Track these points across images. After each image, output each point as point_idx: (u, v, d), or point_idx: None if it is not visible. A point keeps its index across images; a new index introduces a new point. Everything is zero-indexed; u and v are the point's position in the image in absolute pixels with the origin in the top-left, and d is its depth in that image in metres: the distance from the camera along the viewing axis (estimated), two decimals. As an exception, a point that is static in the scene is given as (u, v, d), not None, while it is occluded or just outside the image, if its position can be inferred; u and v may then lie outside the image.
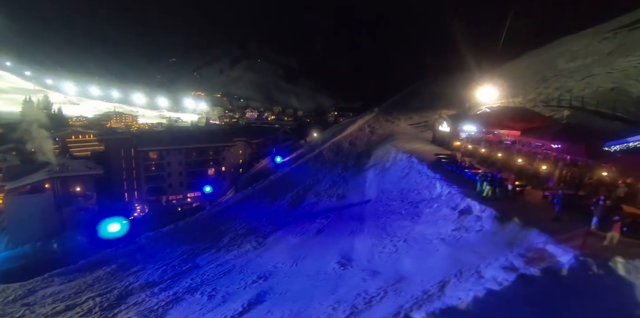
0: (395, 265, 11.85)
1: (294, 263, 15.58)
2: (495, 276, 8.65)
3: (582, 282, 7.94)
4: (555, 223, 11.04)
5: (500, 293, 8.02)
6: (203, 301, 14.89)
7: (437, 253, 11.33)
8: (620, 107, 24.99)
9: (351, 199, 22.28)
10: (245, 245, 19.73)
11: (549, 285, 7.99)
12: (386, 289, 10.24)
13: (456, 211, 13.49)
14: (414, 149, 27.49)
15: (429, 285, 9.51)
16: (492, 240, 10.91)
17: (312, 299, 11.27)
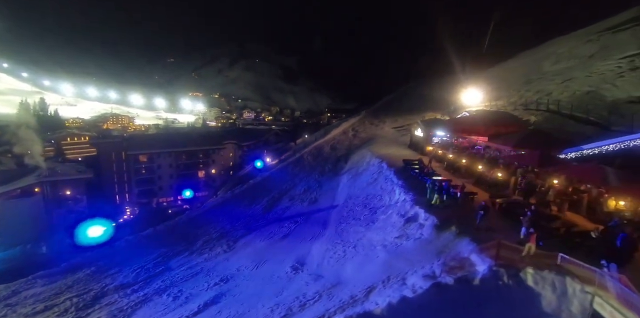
0: (338, 270, 12.75)
1: (255, 267, 16.60)
2: (414, 283, 9.28)
3: (493, 291, 8.34)
4: (487, 233, 11.77)
5: (413, 301, 8.57)
6: (168, 302, 15.95)
7: (376, 259, 12.21)
8: (593, 111, 25.45)
9: (322, 204, 23.24)
10: (217, 249, 20.79)
11: (462, 294, 8.47)
12: (322, 293, 11.17)
13: (404, 218, 14.36)
14: (389, 153, 28.34)
15: (358, 291, 10.36)
16: (427, 248, 11.59)
17: (259, 301, 12.26)
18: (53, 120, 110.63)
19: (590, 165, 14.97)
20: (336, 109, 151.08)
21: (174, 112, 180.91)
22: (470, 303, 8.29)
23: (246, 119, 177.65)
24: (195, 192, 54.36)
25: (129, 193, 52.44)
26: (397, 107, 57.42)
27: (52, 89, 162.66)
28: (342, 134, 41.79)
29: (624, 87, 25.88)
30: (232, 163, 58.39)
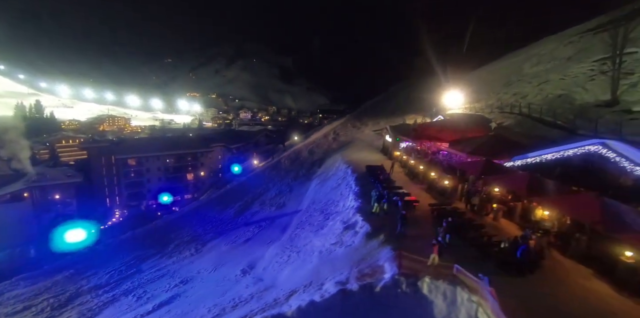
0: (277, 274, 13.97)
1: (213, 270, 17.97)
2: (327, 289, 10.13)
3: (392, 298, 8.97)
4: (410, 241, 12.64)
5: (319, 304, 9.29)
6: (132, 302, 17.37)
7: (309, 264, 13.37)
8: (561, 114, 25.86)
9: (288, 209, 24.53)
10: (185, 252, 22.20)
11: (365, 300, 9.10)
12: (254, 296, 12.41)
13: (344, 225, 15.54)
14: (359, 158, 29.35)
15: (282, 294, 11.53)
16: (353, 255, 12.36)
17: (203, 302, 13.60)
18: (49, 123, 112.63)
19: (522, 174, 15.48)
20: (328, 110, 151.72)
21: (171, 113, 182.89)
22: (371, 309, 9.07)
23: (243, 119, 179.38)
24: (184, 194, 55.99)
25: (119, 196, 54.04)
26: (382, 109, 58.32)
27: (49, 91, 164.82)
28: (323, 137, 42.92)
29: (593, 91, 26.35)
30: (221, 165, 59.84)
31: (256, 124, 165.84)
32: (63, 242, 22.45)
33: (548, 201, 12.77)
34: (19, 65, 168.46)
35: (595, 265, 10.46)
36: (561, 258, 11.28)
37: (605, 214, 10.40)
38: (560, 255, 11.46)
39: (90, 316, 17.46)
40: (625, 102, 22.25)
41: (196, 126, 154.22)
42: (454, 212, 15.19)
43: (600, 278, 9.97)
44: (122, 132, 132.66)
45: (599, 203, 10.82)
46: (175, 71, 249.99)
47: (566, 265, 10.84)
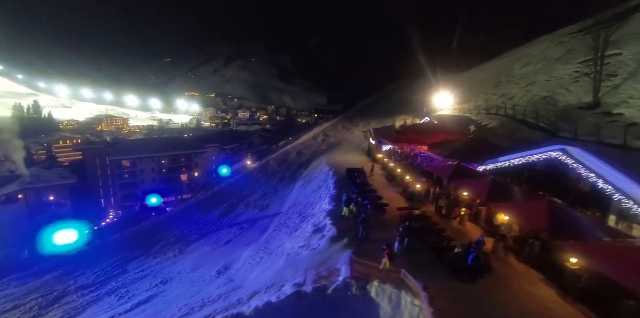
0: (247, 275, 14.67)
1: (192, 271, 18.74)
2: (285, 290, 10.68)
3: (343, 301, 9.42)
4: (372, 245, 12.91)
5: (275, 305, 9.82)
6: (114, 301, 18.16)
7: (276, 266, 13.99)
8: (544, 116, 26.02)
9: (271, 211, 25.25)
10: (169, 253, 22.99)
11: (318, 302, 9.56)
12: (222, 296, 13.11)
13: (314, 229, 16.27)
14: (344, 160, 29.87)
15: (246, 295, 12.17)
16: (317, 258, 12.89)
17: (177, 302, 14.34)
18: (47, 123, 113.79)
19: (486, 179, 15.83)
20: (324, 110, 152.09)
21: (170, 113, 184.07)
22: (324, 310, 9.54)
23: (241, 118, 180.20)
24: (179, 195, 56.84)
25: (114, 197, 54.98)
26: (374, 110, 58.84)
27: (48, 91, 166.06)
28: (313, 138, 43.53)
29: (577, 93, 26.46)
30: (215, 166, 60.64)
31: (254, 123, 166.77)
32: (52, 243, 23.09)
33: (503, 207, 13.19)
34: (18, 65, 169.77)
35: (545, 270, 10.77)
36: (516, 263, 11.63)
37: (553, 221, 10.74)
38: (515, 260, 11.83)
39: (74, 315, 18.23)
40: (607, 104, 22.49)
41: (194, 126, 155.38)
42: (421, 216, 15.54)
43: (548, 284, 10.30)
44: (120, 132, 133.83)
45: (548, 210, 11.18)
46: (174, 71, 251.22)
47: (519, 270, 11.18)
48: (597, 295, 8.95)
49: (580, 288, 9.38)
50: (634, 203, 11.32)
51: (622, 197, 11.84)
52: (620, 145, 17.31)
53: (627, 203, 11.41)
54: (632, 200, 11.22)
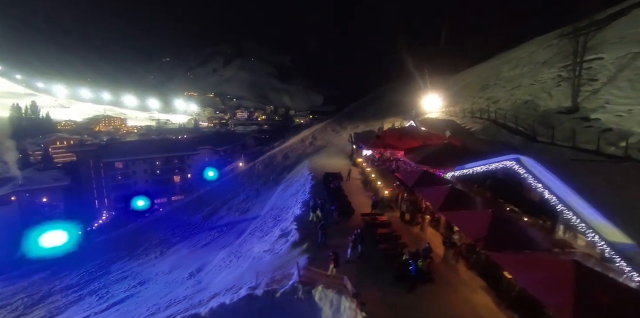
0: (214, 278, 15.55)
1: (169, 272, 19.70)
2: (240, 293, 11.46)
3: (289, 304, 10.13)
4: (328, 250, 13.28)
5: (228, 307, 10.59)
6: (93, 301, 19.15)
7: (240, 269, 14.84)
8: (523, 121, 26.40)
9: (250, 214, 26.18)
10: (151, 255, 23.98)
11: (266, 304, 10.31)
12: (187, 297, 13.98)
13: (280, 233, 17.14)
14: (325, 164, 30.31)
15: (207, 296, 13.05)
16: (276, 262, 13.64)
17: (147, 302, 15.31)
18: (44, 123, 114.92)
19: (444, 187, 16.01)
20: (319, 111, 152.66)
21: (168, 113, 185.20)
22: (272, 312, 10.33)
23: (239, 118, 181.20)
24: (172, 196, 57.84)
25: (107, 198, 56.06)
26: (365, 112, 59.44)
27: (46, 91, 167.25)
28: (300, 141, 44.34)
29: (557, 97, 26.66)
30: (201, 169, 61.59)
31: (252, 123, 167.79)
32: (38, 246, 23.99)
33: (450, 215, 13.70)
34: (16, 65, 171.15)
35: (488, 278, 11.15)
36: (464, 270, 12.05)
37: (491, 231, 10.95)
38: (465, 267, 12.24)
39: (56, 314, 19.21)
40: (585, 109, 22.81)
41: (192, 126, 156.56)
42: (381, 222, 16.04)
43: (488, 292, 10.65)
44: (118, 132, 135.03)
45: (490, 221, 11.42)
46: (173, 70, 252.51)
47: (465, 277, 11.59)
48: (526, 304, 9.22)
49: (513, 297, 9.74)
50: (573, 214, 11.39)
51: (563, 208, 12.41)
52: (593, 151, 17.88)
53: (567, 214, 11.66)
54: (571, 211, 11.49)
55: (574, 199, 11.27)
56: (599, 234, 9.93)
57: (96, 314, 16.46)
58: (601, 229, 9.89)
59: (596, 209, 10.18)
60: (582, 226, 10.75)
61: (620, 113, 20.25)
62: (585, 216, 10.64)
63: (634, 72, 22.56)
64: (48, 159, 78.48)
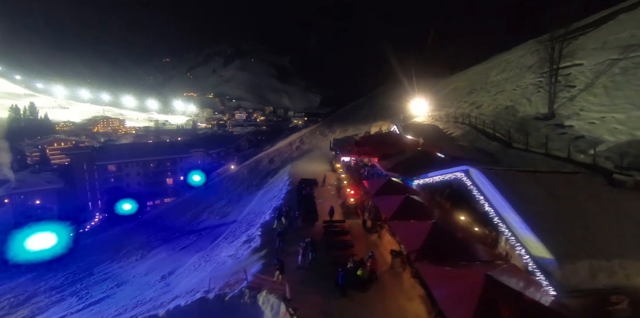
0: (180, 280, 16.67)
1: (145, 275, 20.90)
2: (195, 296, 12.55)
3: (236, 307, 11.11)
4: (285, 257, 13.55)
5: (183, 309, 11.89)
6: (73, 302, 20.36)
7: (204, 273, 15.95)
8: (503, 126, 26.49)
9: (229, 218, 27.34)
10: (132, 257, 25.22)
11: (217, 307, 11.37)
12: (153, 298, 15.18)
13: (246, 239, 18.22)
14: (306, 169, 31.14)
15: (169, 298, 14.32)
16: (235, 267, 14.56)
17: (117, 303, 16.52)
18: (43, 124, 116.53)
19: (399, 196, 16.23)
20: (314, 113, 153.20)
21: (167, 113, 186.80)
22: (220, 315, 11.34)
23: (238, 119, 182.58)
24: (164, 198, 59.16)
25: (101, 200, 57.49)
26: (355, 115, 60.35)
27: (45, 92, 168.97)
28: (288, 145, 45.36)
29: (536, 103, 26.56)
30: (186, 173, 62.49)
31: (250, 124, 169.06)
32: (24, 249, 25.03)
33: (395, 225, 14.25)
34: (16, 66, 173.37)
35: (426, 287, 11.01)
36: (407, 278, 12.40)
37: (426, 243, 11.12)
38: (409, 275, 12.54)
39: (38, 313, 20.44)
40: (560, 116, 22.91)
41: (190, 127, 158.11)
42: (339, 230, 16.89)
43: (424, 300, 10.93)
44: (116, 133, 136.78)
45: (428, 232, 11.69)
46: (173, 71, 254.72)
47: (406, 285, 11.97)
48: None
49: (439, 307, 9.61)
50: (506, 227, 11.73)
51: (499, 221, 12.27)
52: (564, 158, 18.10)
53: (502, 227, 11.91)
54: (505, 223, 11.79)
55: (508, 212, 11.49)
56: (525, 248, 10.17)
57: (72, 314, 17.65)
58: (528, 243, 10.09)
59: (526, 223, 10.31)
60: (512, 239, 11.04)
61: (593, 120, 20.40)
62: (515, 229, 10.91)
63: (609, 79, 22.82)
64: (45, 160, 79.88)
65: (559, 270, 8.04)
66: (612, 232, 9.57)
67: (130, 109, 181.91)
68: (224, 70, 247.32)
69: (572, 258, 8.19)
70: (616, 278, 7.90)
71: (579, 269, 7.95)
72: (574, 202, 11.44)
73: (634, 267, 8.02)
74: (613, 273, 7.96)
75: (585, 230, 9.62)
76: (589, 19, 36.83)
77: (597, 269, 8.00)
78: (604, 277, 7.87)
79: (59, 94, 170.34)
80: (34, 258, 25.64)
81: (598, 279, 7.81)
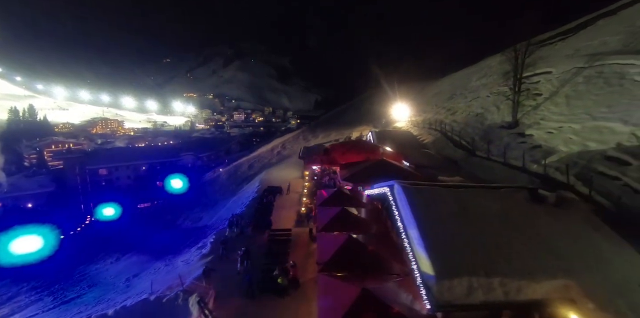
0: (140, 282, 18.80)
1: (114, 276, 23.01)
2: (141, 297, 14.77)
3: (172, 309, 12.84)
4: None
5: (128, 309, 13.92)
6: (49, 301, 22.52)
7: (157, 276, 18.01)
8: (468, 134, 27.37)
9: (200, 223, 29.39)
10: (108, 260, 27.40)
11: (156, 308, 13.25)
12: (110, 299, 17.26)
13: (200, 245, 20.21)
14: (279, 176, 32.54)
15: (122, 299, 16.40)
16: (182, 271, 16.46)
17: (84, 302, 18.66)
18: (42, 126, 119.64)
19: (335, 208, 16.48)
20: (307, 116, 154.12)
21: (166, 114, 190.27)
22: (159, 315, 13.15)
23: (236, 120, 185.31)
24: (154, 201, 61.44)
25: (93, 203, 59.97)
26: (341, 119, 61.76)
27: (46, 93, 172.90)
28: (270, 150, 47.13)
29: (503, 111, 26.50)
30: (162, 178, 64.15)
31: (248, 125, 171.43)
32: (7, 252, 26.97)
33: (320, 236, 14.81)
34: (16, 67, 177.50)
35: None
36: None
37: (336, 255, 11.73)
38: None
39: (17, 312, 22.53)
40: (523, 124, 22.88)
41: (188, 128, 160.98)
42: (282, 239, 18.26)
43: None
44: (114, 134, 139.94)
45: (341, 244, 12.16)
46: (173, 71, 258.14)
47: None
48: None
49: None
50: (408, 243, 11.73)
51: (404, 237, 12.31)
52: (519, 168, 18.46)
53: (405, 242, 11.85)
54: (407, 239, 11.83)
55: (412, 229, 11.55)
56: (417, 264, 10.42)
57: (44, 312, 19.80)
58: (420, 259, 10.29)
59: (422, 240, 10.43)
60: (410, 254, 11.23)
61: (551, 130, 20.29)
62: (414, 245, 11.07)
63: (572, 88, 22.54)
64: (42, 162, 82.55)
65: (436, 285, 8.31)
66: (510, 249, 9.64)
67: (129, 110, 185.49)
68: (223, 71, 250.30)
69: (451, 274, 8.45)
70: (493, 294, 8.15)
71: (456, 285, 8.21)
72: (482, 218, 11.27)
73: (513, 284, 8.33)
74: (491, 290, 8.24)
75: (481, 247, 9.76)
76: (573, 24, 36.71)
77: (475, 286, 8.27)
78: (481, 294, 8.13)
79: (59, 95, 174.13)
80: (18, 261, 27.42)
81: (474, 295, 8.06)
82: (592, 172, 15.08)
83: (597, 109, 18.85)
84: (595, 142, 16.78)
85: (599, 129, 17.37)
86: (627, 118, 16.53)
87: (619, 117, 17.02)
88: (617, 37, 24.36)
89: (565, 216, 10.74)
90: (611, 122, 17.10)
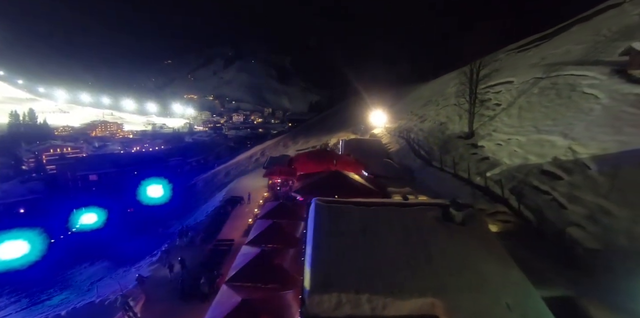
0: (101, 287, 21.40)
1: (83, 280, 25.78)
2: (90, 299, 17.69)
3: (110, 310, 14.39)
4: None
5: (77, 310, 16.62)
6: (25, 302, 25.37)
7: (111, 281, 20.71)
8: (429, 144, 28.10)
9: (170, 230, 31.97)
10: (83, 265, 30.22)
11: (98, 310, 15.59)
12: (71, 300, 19.99)
13: (153, 253, 22.74)
14: (248, 185, 33.56)
15: (77, 301, 19.11)
16: (130, 277, 19.45)
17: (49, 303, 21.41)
18: (42, 130, 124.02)
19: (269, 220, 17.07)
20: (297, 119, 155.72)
21: (166, 116, 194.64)
22: (102, 315, 15.38)
23: (235, 122, 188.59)
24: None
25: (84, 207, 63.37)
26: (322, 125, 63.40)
27: (47, 96, 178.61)
28: (248, 157, 49.27)
29: (463, 122, 26.43)
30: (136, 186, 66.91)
31: (246, 127, 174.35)
32: None
33: (242, 249, 15.51)
34: (18, 70, 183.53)
35: None
36: None
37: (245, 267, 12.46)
38: None
39: (-3, 312, 25.55)
40: (478, 135, 23.27)
41: (187, 130, 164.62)
42: (222, 249, 19.71)
43: None
44: (114, 137, 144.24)
45: (253, 257, 12.89)
46: (174, 73, 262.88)
47: None
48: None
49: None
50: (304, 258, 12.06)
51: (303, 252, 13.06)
52: (465, 179, 19.23)
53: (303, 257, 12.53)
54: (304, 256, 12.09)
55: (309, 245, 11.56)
56: (303, 278, 10.87)
57: (17, 312, 22.58)
58: (306, 274, 10.57)
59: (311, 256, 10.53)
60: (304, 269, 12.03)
61: (500, 142, 20.41)
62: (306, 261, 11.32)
63: (526, 99, 22.42)
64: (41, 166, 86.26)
65: (308, 299, 8.96)
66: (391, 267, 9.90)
67: (129, 112, 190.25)
68: (224, 72, 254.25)
69: (323, 290, 9.00)
70: (361, 309, 8.87)
71: (326, 300, 8.83)
72: (380, 236, 11.16)
73: (379, 301, 9.00)
74: (359, 306, 8.92)
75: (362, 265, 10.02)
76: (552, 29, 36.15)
77: (344, 301, 8.92)
78: (348, 308, 8.82)
79: (60, 98, 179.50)
80: (3, 267, 30.08)
81: (342, 310, 8.75)
82: (528, 185, 15.43)
83: (543, 121, 18.76)
84: (536, 155, 16.80)
85: (541, 142, 17.32)
86: (567, 131, 16.49)
87: (560, 130, 16.92)
88: (581, 46, 23.76)
89: (465, 235, 11.03)
90: (553, 136, 17.02)
